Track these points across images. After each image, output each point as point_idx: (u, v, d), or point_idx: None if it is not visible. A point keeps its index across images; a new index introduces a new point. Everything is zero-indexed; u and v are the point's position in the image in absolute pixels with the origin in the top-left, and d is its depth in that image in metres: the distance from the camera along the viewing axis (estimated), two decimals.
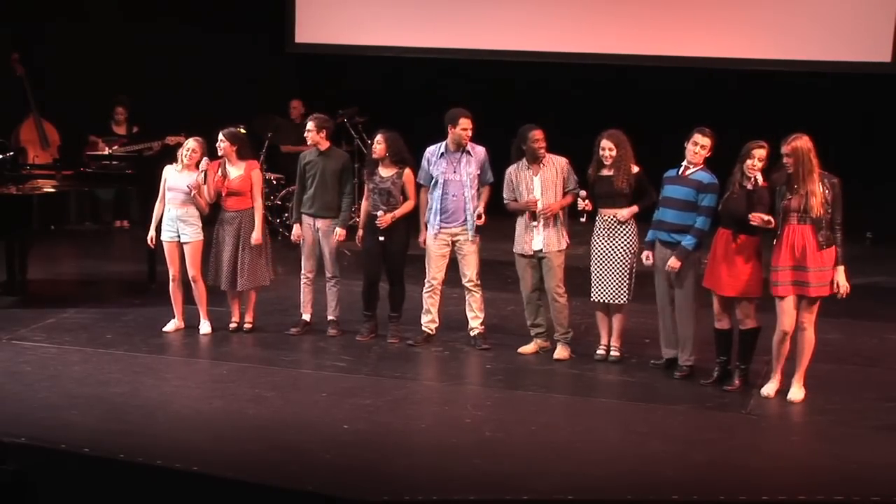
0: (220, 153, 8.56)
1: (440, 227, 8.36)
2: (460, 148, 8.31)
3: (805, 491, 6.01)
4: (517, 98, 12.85)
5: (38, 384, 7.40)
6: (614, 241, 7.96)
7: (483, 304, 8.50)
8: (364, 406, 7.13)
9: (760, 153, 7.29)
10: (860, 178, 11.18)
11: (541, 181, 8.06)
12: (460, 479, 6.07)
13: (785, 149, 7.09)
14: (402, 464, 6.28)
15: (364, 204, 8.58)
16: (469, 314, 8.50)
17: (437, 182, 8.35)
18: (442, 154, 8.37)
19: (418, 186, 8.48)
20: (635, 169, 7.93)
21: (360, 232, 8.58)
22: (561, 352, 8.21)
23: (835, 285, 7.13)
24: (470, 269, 8.40)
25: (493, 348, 8.40)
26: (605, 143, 7.88)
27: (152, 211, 8.70)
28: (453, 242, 8.40)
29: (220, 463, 6.18)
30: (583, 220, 7.98)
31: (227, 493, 5.95)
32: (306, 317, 8.80)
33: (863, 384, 7.63)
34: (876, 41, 12.08)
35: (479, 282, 8.44)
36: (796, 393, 7.31)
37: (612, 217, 7.93)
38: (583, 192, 7.89)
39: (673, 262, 7.58)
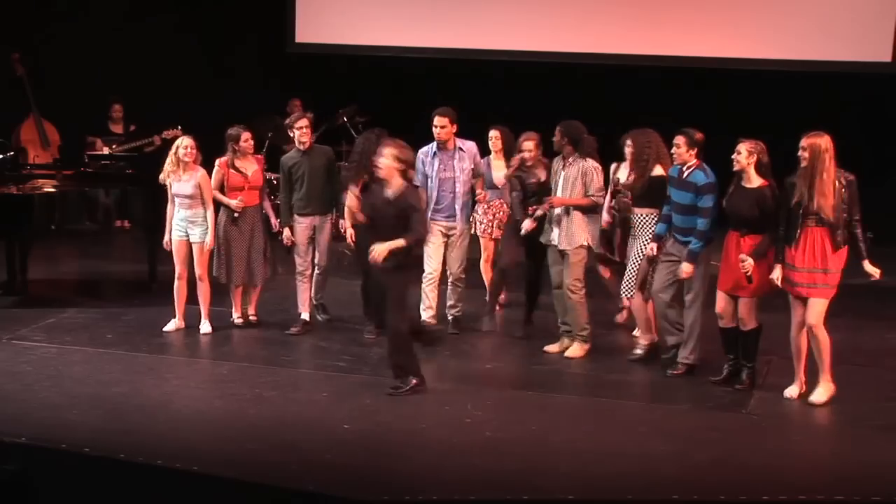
0: (248, 150, 8.76)
1: (436, 221, 8.62)
2: (448, 146, 8.58)
3: (805, 491, 6.01)
4: (517, 97, 12.84)
5: (38, 384, 7.39)
6: (634, 239, 8.08)
7: (462, 297, 8.78)
8: (364, 406, 7.14)
9: (739, 146, 7.36)
10: (860, 177, 11.18)
11: (563, 178, 8.15)
12: (460, 479, 6.07)
13: (803, 142, 7.08)
14: (402, 464, 6.28)
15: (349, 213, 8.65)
16: (448, 301, 8.83)
17: (432, 180, 8.61)
18: (434, 153, 8.64)
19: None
20: (657, 171, 7.96)
21: (352, 231, 8.58)
22: (574, 349, 8.23)
23: (867, 275, 7.12)
24: (455, 264, 8.70)
25: (493, 347, 8.44)
26: (626, 141, 8.09)
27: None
28: (448, 236, 8.63)
29: (220, 463, 6.18)
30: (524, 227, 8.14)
31: (227, 493, 5.95)
32: (305, 316, 8.83)
33: (863, 384, 7.63)
34: (876, 41, 12.08)
35: (462, 276, 8.73)
36: (818, 394, 7.28)
37: (634, 216, 8.09)
38: (538, 212, 8.12)
39: (686, 269, 7.57)
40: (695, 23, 12.60)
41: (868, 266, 7.12)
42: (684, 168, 7.65)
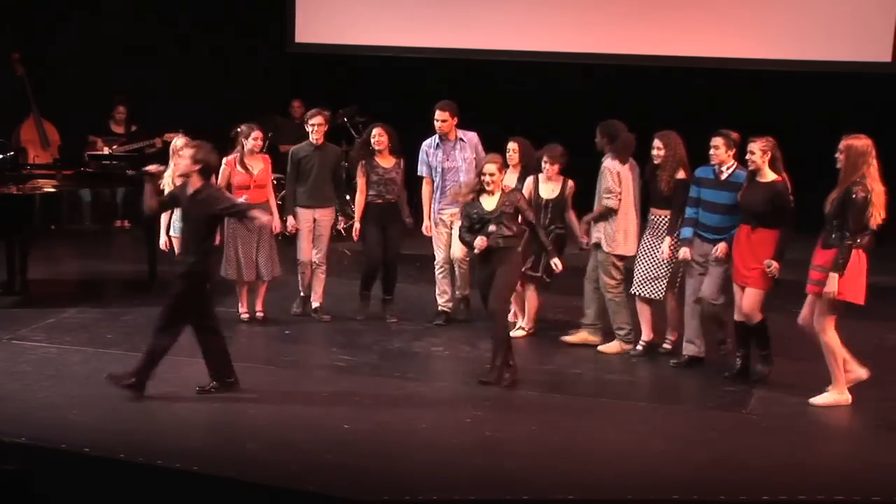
0: (255, 148, 8.82)
1: (441, 210, 8.89)
2: (450, 138, 8.83)
3: (805, 491, 6.01)
4: (517, 97, 12.85)
5: (38, 384, 7.39)
6: (658, 240, 8.05)
7: (468, 282, 8.98)
8: (364, 406, 7.14)
9: (751, 146, 7.42)
10: None
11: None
12: (460, 479, 6.07)
13: (840, 144, 7.11)
14: (402, 464, 6.28)
15: (361, 198, 8.92)
16: (456, 290, 9.07)
17: (437, 171, 8.89)
18: (437, 145, 8.91)
19: (420, 179, 9.06)
20: (681, 174, 7.95)
21: (358, 225, 8.99)
22: (611, 346, 8.32)
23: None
24: (457, 249, 8.81)
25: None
26: (655, 142, 8.02)
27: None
28: (451, 223, 8.81)
29: (220, 463, 6.18)
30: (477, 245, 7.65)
31: (227, 493, 5.95)
32: (304, 294, 9.14)
33: (863, 384, 7.61)
34: (876, 41, 12.08)
35: (466, 259, 8.84)
36: (822, 397, 7.26)
37: (657, 217, 8.06)
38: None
39: (723, 248, 7.61)
40: (695, 23, 12.60)
41: (831, 282, 6.96)
42: (723, 169, 7.70)
